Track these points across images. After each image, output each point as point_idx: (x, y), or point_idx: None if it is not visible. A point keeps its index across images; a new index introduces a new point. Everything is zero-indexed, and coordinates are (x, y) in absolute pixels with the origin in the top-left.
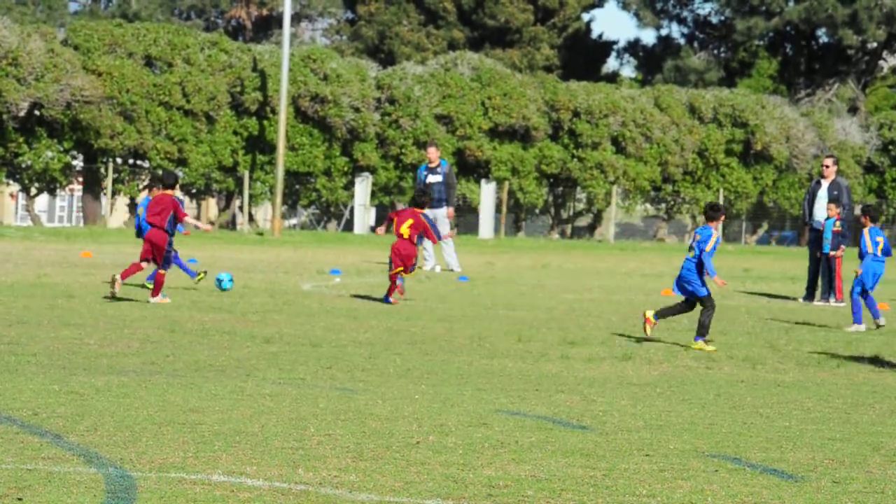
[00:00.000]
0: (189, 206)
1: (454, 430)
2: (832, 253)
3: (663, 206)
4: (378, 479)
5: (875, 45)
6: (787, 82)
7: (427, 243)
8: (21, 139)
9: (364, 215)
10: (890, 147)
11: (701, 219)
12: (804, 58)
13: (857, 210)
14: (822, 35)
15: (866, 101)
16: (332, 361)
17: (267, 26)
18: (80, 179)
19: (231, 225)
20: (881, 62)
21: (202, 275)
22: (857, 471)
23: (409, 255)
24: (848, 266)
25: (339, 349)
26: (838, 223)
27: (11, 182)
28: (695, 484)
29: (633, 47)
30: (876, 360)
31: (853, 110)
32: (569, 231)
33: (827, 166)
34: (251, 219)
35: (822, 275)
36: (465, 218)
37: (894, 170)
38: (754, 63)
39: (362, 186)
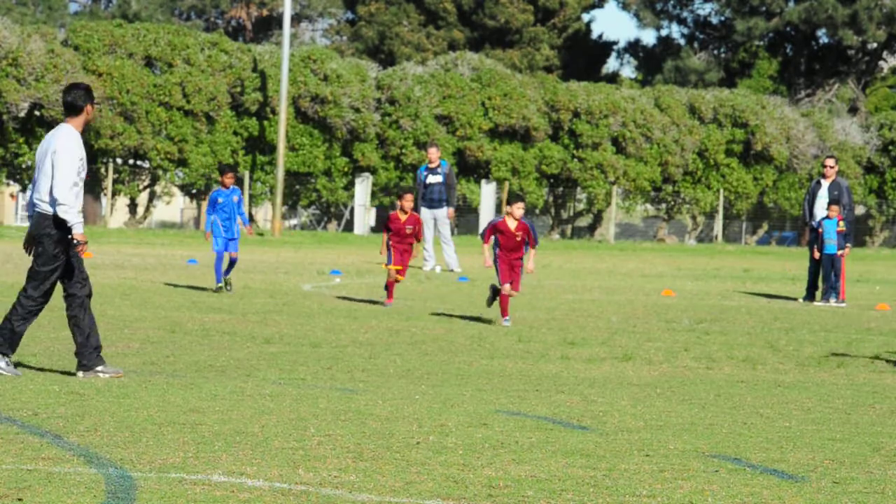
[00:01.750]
0: (189, 206)
1: (454, 431)
2: (839, 253)
3: (663, 206)
4: (378, 480)
5: (875, 45)
6: (788, 83)
7: (428, 244)
8: (21, 139)
9: (364, 216)
10: (890, 147)
11: (702, 219)
12: (804, 58)
13: (859, 210)
14: (823, 35)
15: (866, 102)
16: (332, 362)
17: (267, 27)
18: None
19: None
20: (881, 62)
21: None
22: (858, 471)
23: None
24: (850, 267)
25: (340, 350)
26: (842, 223)
27: (12, 182)
28: (695, 484)
29: (634, 48)
30: (876, 361)
31: (853, 110)
32: (569, 231)
33: (829, 167)
34: (251, 219)
35: (822, 275)
36: (466, 218)
37: (895, 170)
38: (754, 63)
39: (362, 187)
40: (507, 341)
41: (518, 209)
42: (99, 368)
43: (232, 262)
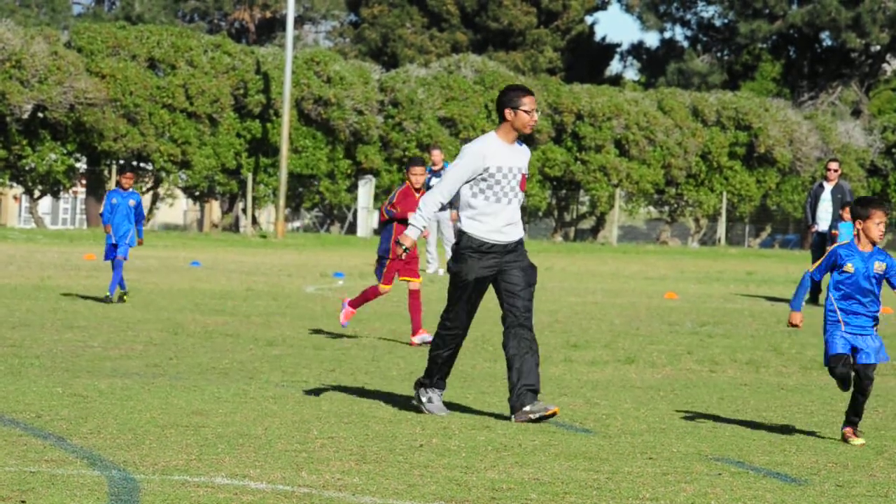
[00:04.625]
0: (192, 208)
1: (457, 433)
2: None
3: (666, 208)
4: (381, 482)
5: (878, 47)
6: (791, 85)
7: (432, 246)
8: (25, 142)
9: (367, 218)
10: (893, 150)
11: (705, 221)
12: (807, 61)
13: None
14: (826, 38)
15: (870, 104)
16: (335, 364)
17: (270, 29)
18: (84, 182)
19: (234, 227)
20: (884, 65)
21: (124, 296)
22: (861, 474)
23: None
24: None
25: (343, 352)
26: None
27: (15, 184)
28: (698, 487)
29: (637, 50)
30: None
31: (856, 113)
32: (572, 234)
33: (833, 170)
34: (254, 221)
35: None
36: None
37: None
38: (757, 66)
39: (365, 189)
40: None
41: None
42: (526, 408)
43: (117, 267)
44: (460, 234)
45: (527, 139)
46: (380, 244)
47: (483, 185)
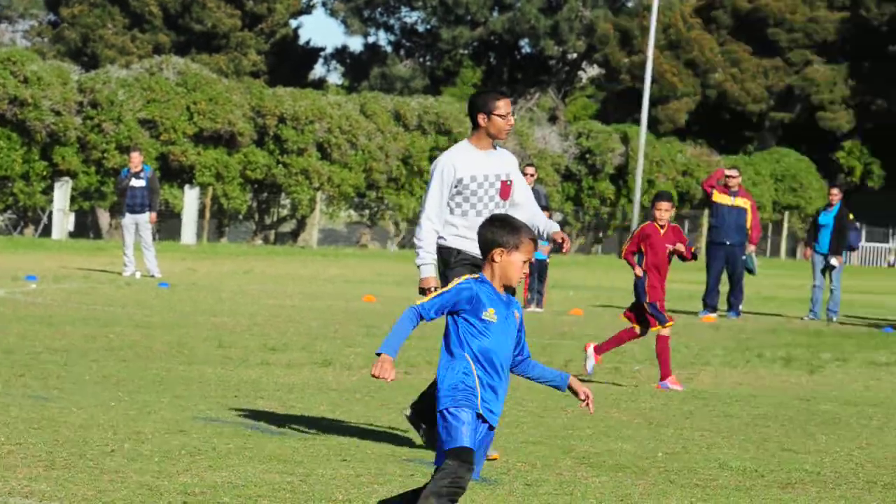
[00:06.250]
0: None
1: (150, 438)
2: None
3: (367, 212)
4: (70, 488)
5: (575, 55)
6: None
7: (128, 249)
8: None
9: (63, 220)
10: (587, 155)
11: (405, 225)
12: (507, 67)
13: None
14: (525, 45)
15: (565, 111)
16: (24, 369)
17: None
18: None
19: None
20: (580, 72)
21: None
22: (549, 473)
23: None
24: (548, 272)
25: (33, 356)
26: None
27: None
28: (391, 489)
29: (341, 54)
30: (569, 364)
31: (553, 119)
32: (272, 237)
33: (529, 174)
34: None
35: (528, 282)
36: (168, 223)
37: (591, 178)
38: (459, 72)
39: (62, 191)
40: (206, 347)
41: (662, 211)
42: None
43: None
44: (448, 251)
45: (228, 142)
46: (637, 289)
47: (459, 199)
